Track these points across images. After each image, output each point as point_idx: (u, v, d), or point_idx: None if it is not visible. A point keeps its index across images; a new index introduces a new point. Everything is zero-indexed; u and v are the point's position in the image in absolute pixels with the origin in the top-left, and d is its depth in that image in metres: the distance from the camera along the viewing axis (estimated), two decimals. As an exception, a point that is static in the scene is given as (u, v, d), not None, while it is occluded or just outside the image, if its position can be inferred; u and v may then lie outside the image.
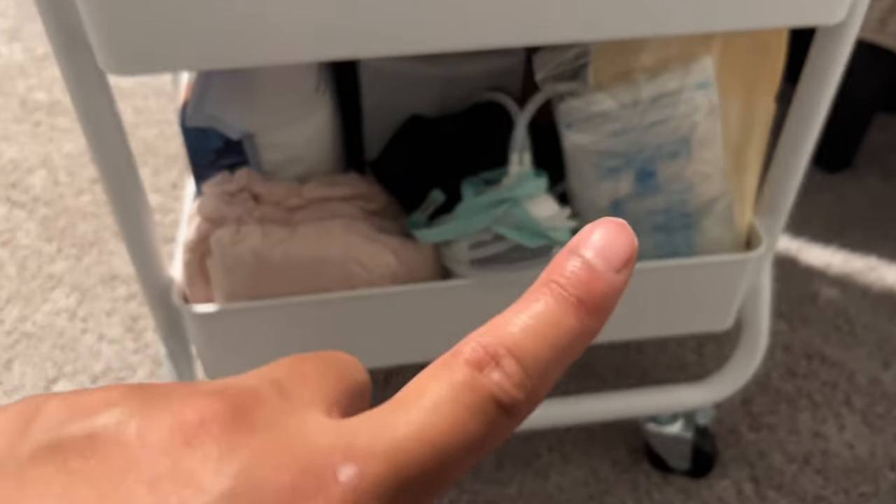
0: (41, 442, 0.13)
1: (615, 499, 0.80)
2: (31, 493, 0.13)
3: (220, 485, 0.12)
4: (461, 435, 0.14)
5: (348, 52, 0.46)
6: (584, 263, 0.15)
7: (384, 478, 0.13)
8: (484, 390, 0.14)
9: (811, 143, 0.60)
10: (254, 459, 0.13)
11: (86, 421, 0.13)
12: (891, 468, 0.83)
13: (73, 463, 0.13)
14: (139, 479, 0.12)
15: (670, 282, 0.66)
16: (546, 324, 0.15)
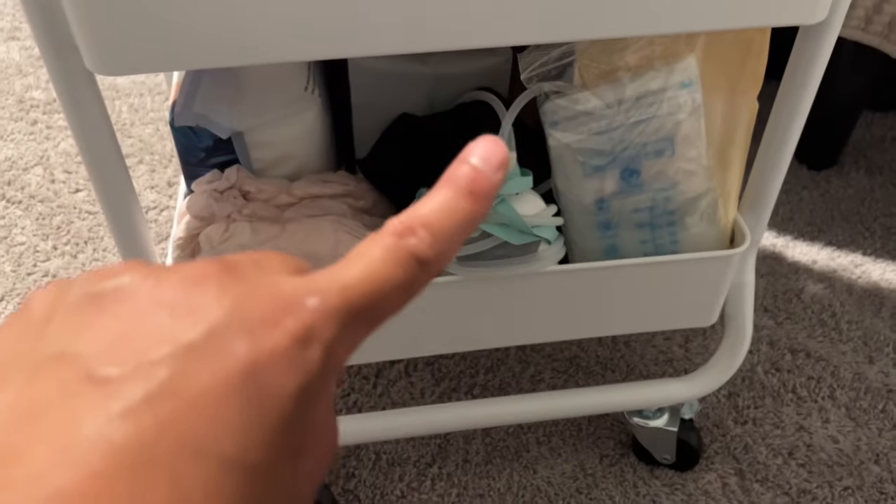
0: (79, 296, 0.18)
1: (602, 492, 0.81)
2: (79, 329, 0.17)
3: (219, 311, 0.17)
4: (391, 278, 0.19)
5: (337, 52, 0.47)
6: (472, 167, 0.21)
7: (340, 305, 0.18)
8: (405, 249, 0.19)
9: (794, 140, 0.61)
10: (242, 296, 0.17)
11: (112, 280, 0.18)
12: (875, 462, 0.84)
13: (107, 305, 0.17)
14: (162, 310, 0.17)
15: (655, 278, 0.67)
16: (448, 207, 0.20)
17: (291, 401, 0.16)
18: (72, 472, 0.14)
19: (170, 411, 0.15)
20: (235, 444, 0.15)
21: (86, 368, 0.16)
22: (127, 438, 0.15)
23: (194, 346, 0.16)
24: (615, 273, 0.65)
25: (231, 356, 0.16)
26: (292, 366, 0.17)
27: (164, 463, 0.15)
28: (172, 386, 0.15)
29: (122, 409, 0.15)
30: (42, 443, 0.14)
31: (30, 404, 0.15)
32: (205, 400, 0.15)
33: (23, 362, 0.17)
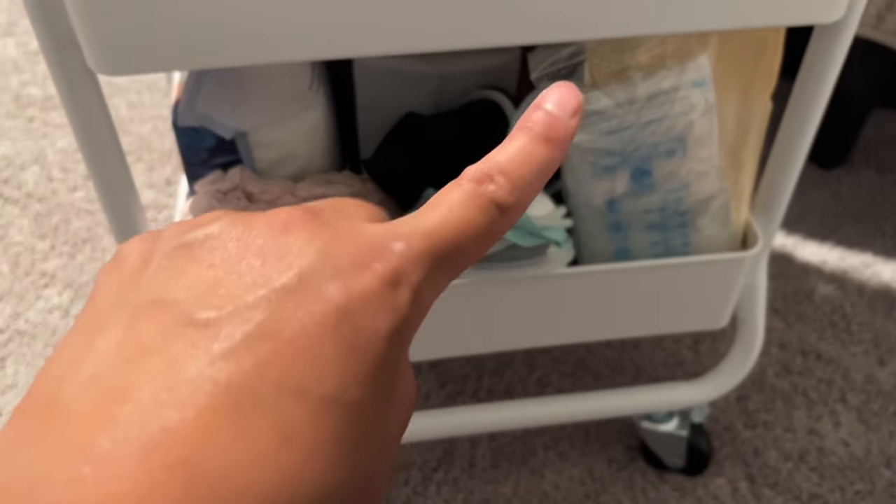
0: (171, 246, 0.18)
1: (610, 497, 0.80)
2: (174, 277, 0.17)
3: (309, 255, 0.17)
4: (472, 224, 0.19)
5: (342, 52, 0.46)
6: (547, 112, 0.21)
7: (424, 250, 0.18)
8: (485, 195, 0.19)
9: (808, 141, 0.60)
10: (330, 242, 0.18)
11: (200, 230, 0.18)
12: (886, 466, 0.83)
13: (199, 253, 0.17)
14: (253, 255, 0.17)
15: (666, 280, 0.66)
16: (524, 153, 0.20)
17: (385, 341, 0.17)
18: (178, 411, 0.14)
19: (269, 352, 0.15)
20: (335, 383, 0.16)
21: (184, 313, 0.16)
22: (230, 379, 0.15)
23: (288, 288, 0.16)
24: (625, 275, 0.64)
25: (324, 298, 0.16)
26: (384, 307, 0.17)
27: (266, 402, 0.15)
28: (270, 327, 0.16)
29: (223, 350, 0.15)
30: (147, 383, 0.15)
31: (132, 347, 0.16)
32: (302, 341, 0.16)
33: (121, 308, 0.17)
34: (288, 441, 0.15)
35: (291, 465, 0.14)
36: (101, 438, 0.14)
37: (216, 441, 0.14)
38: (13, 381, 0.89)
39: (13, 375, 0.90)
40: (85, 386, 0.15)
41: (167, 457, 0.14)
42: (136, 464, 0.13)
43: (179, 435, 0.14)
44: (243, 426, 0.14)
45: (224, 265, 0.17)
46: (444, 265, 0.19)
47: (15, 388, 0.89)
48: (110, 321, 0.17)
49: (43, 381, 0.16)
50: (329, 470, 0.15)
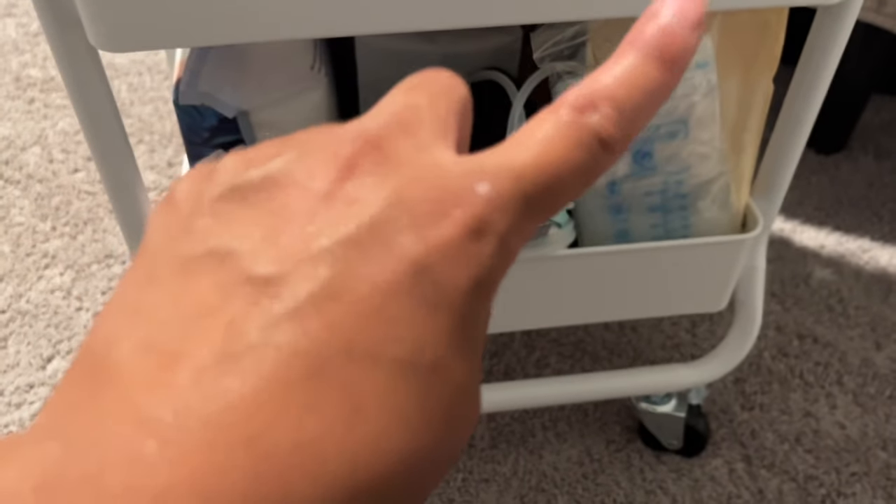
0: (224, 187, 0.16)
1: (608, 477, 0.81)
2: (230, 223, 0.15)
3: (381, 201, 0.15)
4: (570, 163, 0.16)
5: (344, 29, 0.46)
6: (663, 24, 0.17)
7: (513, 193, 0.16)
8: (587, 128, 0.16)
9: (809, 124, 0.60)
10: (403, 184, 0.15)
11: (259, 168, 0.16)
12: (882, 448, 0.83)
13: (257, 196, 0.16)
14: (317, 200, 0.15)
15: (666, 262, 0.66)
16: (634, 75, 0.17)
17: (467, 297, 0.15)
18: (240, 381, 0.13)
19: (337, 313, 0.14)
20: (410, 345, 0.14)
21: (242, 267, 0.14)
22: (294, 344, 0.14)
23: (357, 240, 0.15)
24: (626, 257, 0.64)
25: (398, 251, 0.15)
26: (465, 260, 0.15)
27: (334, 369, 0.14)
28: (338, 285, 0.14)
29: (287, 311, 0.14)
30: (205, 347, 0.14)
31: (185, 304, 0.14)
32: (373, 299, 0.14)
33: (174, 259, 0.15)
34: (360, 412, 0.13)
35: (365, 438, 0.13)
36: (161, 409, 0.13)
37: (283, 416, 0.13)
38: (14, 361, 0.90)
39: (15, 355, 0.90)
40: (139, 348, 0.14)
41: (231, 435, 0.13)
42: (198, 442, 0.12)
43: (243, 410, 0.13)
44: (312, 397, 0.13)
45: (284, 212, 0.15)
46: (535, 209, 0.16)
47: (16, 367, 0.89)
48: (162, 273, 0.15)
49: (93, 342, 0.15)
50: (407, 440, 0.14)
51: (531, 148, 0.16)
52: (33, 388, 0.87)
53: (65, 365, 0.90)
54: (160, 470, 0.12)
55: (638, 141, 0.60)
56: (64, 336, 0.92)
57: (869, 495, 0.80)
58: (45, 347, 0.91)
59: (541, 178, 0.16)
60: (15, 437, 0.13)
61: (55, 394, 0.15)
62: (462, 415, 0.15)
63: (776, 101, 0.60)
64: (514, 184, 0.16)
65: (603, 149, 0.17)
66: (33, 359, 0.90)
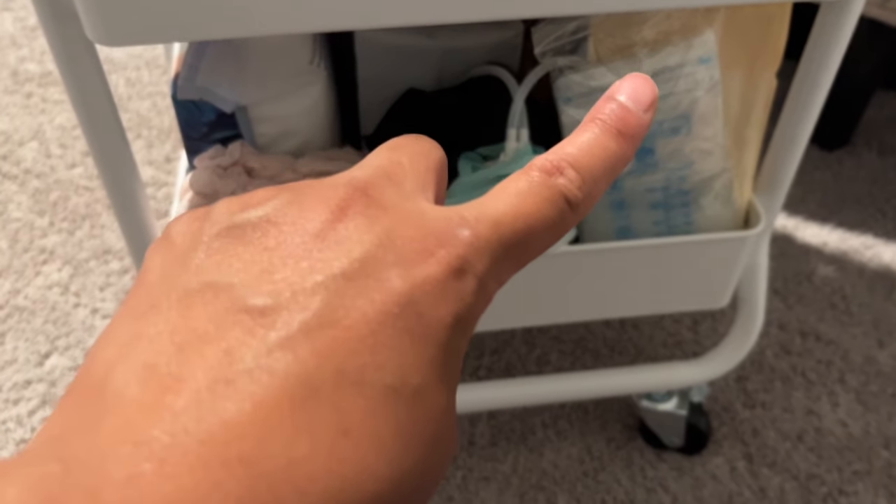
0: (222, 227, 0.17)
1: (609, 475, 0.81)
2: (226, 260, 0.16)
3: (370, 241, 0.16)
4: (541, 216, 0.18)
5: (343, 24, 0.45)
6: (620, 104, 0.20)
7: (490, 238, 0.17)
8: (555, 188, 0.19)
9: (812, 120, 0.59)
10: (390, 226, 0.17)
11: (255, 210, 0.17)
12: (884, 446, 0.83)
13: (252, 235, 0.17)
14: (310, 239, 0.16)
15: (668, 259, 0.65)
16: (595, 146, 0.19)
17: (448, 330, 0.16)
18: (236, 403, 0.14)
19: (328, 341, 0.15)
20: (395, 372, 0.15)
21: (238, 299, 0.15)
22: (287, 369, 0.14)
23: (347, 275, 0.16)
24: (627, 254, 0.64)
25: (386, 286, 0.16)
26: (447, 296, 0.16)
27: (325, 394, 0.14)
28: (329, 315, 0.15)
29: (280, 339, 0.15)
30: (202, 373, 0.14)
31: (185, 334, 0.15)
32: (362, 329, 0.15)
33: (172, 291, 0.16)
34: (348, 433, 0.14)
35: (353, 459, 0.14)
36: (158, 432, 0.13)
37: (276, 436, 0.14)
38: (12, 357, 0.89)
39: (12, 351, 0.90)
40: (137, 374, 0.15)
41: (226, 453, 0.13)
42: (194, 460, 0.13)
43: (238, 429, 0.13)
44: (302, 419, 0.14)
45: (279, 249, 0.16)
46: (510, 256, 0.18)
47: (14, 363, 0.89)
48: (161, 304, 0.16)
49: (92, 366, 0.16)
50: (392, 462, 0.15)
51: (506, 200, 0.18)
52: (31, 384, 0.87)
53: (62, 361, 0.89)
54: (156, 487, 0.13)
55: (640, 137, 0.60)
56: (62, 332, 0.92)
57: (871, 494, 0.79)
58: (43, 344, 0.91)
59: (516, 226, 0.18)
60: (16, 458, 0.14)
61: (53, 416, 0.15)
62: (443, 439, 0.16)
63: (779, 96, 0.60)
64: (492, 230, 0.18)
65: (569, 207, 0.19)
66: (31, 355, 0.89)
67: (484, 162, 0.61)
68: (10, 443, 0.82)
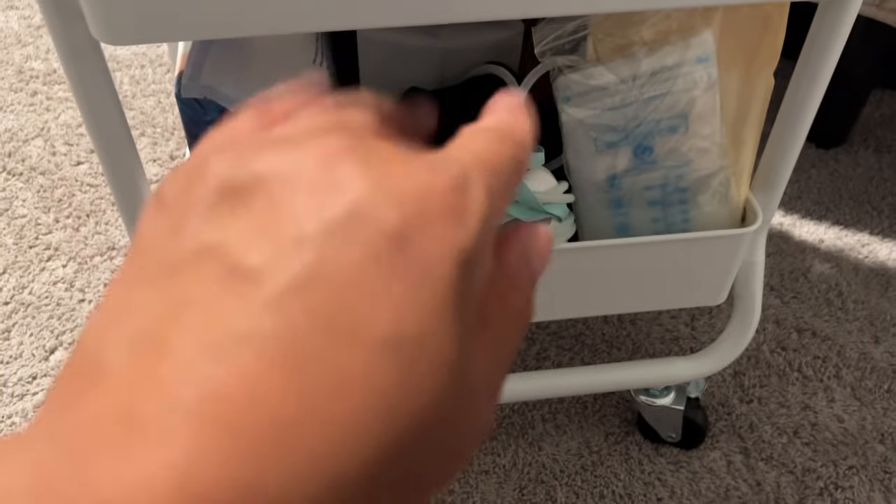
0: (214, 187, 0.16)
1: (607, 469, 0.81)
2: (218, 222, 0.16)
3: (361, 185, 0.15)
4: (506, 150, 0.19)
5: (346, 23, 0.46)
6: None
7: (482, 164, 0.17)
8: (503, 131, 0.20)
9: (809, 118, 0.60)
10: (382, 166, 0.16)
11: (244, 168, 0.17)
12: (880, 441, 0.84)
13: (244, 195, 0.16)
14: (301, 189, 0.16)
15: (666, 257, 0.66)
16: None
17: (451, 264, 0.15)
18: (224, 369, 0.13)
19: (319, 296, 0.14)
20: (391, 321, 0.14)
21: (228, 261, 0.15)
22: (277, 330, 0.14)
23: (340, 221, 0.15)
24: (626, 251, 0.65)
25: (380, 227, 0.15)
26: (448, 226, 0.16)
27: (316, 352, 0.14)
28: (320, 268, 0.14)
29: (268, 298, 0.14)
30: (189, 339, 0.14)
31: (173, 300, 0.15)
32: (355, 279, 0.14)
33: (164, 258, 0.16)
34: (341, 391, 0.14)
35: (344, 420, 0.13)
36: (146, 403, 0.13)
37: (262, 399, 0.13)
38: (18, 352, 0.90)
39: (18, 346, 0.91)
40: (127, 345, 0.14)
41: (215, 421, 0.13)
42: (182, 428, 0.13)
43: (225, 395, 0.13)
44: (293, 381, 0.13)
45: (271, 207, 0.16)
46: (497, 186, 0.17)
47: (19, 358, 0.90)
48: (151, 273, 0.16)
49: (86, 339, 0.15)
50: (391, 421, 0.14)
51: (476, 141, 0.19)
52: (36, 379, 0.88)
53: (67, 357, 0.90)
54: (146, 462, 0.12)
55: (639, 135, 0.61)
56: (67, 328, 0.93)
57: (866, 488, 0.80)
58: (48, 339, 0.91)
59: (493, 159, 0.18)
60: (9, 439, 0.13)
61: (49, 395, 0.15)
62: (458, 389, 0.15)
63: (777, 95, 0.61)
64: (476, 159, 0.18)
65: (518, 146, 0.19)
66: (36, 350, 0.90)
67: (484, 160, 0.62)
68: (16, 436, 0.83)
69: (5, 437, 0.14)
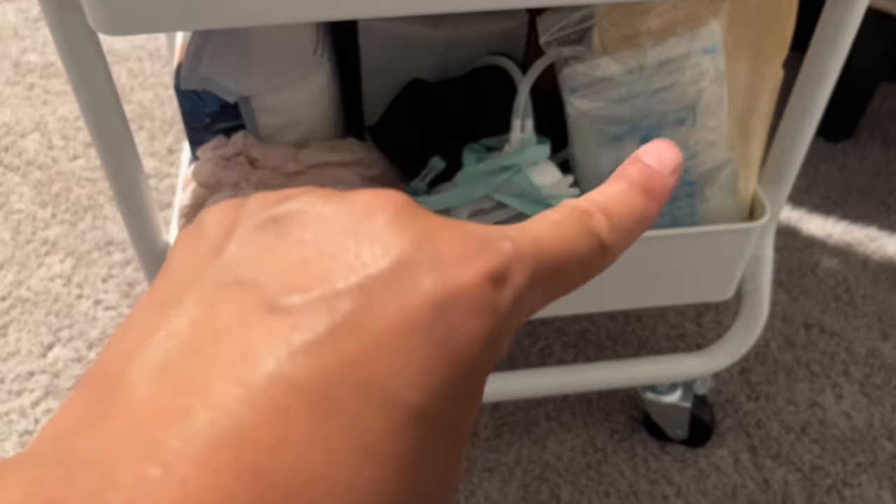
0: (257, 219, 0.17)
1: (612, 467, 0.80)
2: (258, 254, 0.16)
3: (407, 242, 0.15)
4: (575, 246, 0.18)
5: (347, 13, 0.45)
6: (647, 165, 0.20)
7: (529, 254, 0.17)
8: (588, 224, 0.18)
9: (819, 111, 0.59)
10: (428, 229, 0.16)
11: (290, 202, 0.17)
12: (888, 438, 0.83)
13: (288, 229, 0.16)
14: (347, 236, 0.15)
15: (672, 251, 0.65)
16: (623, 199, 0.19)
17: (480, 347, 0.15)
18: (252, 409, 0.13)
19: (355, 348, 0.14)
20: (422, 391, 0.14)
21: (266, 296, 0.15)
22: (309, 376, 0.14)
23: (382, 277, 0.15)
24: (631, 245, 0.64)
25: (421, 291, 0.15)
26: (483, 307, 0.15)
27: (346, 406, 0.14)
28: (358, 320, 0.14)
29: (305, 342, 0.14)
30: (219, 374, 0.13)
31: (206, 332, 0.14)
32: (392, 339, 0.14)
33: (197, 286, 0.15)
34: (367, 452, 0.13)
35: (370, 480, 0.13)
36: (168, 436, 0.13)
37: (291, 447, 0.13)
38: (15, 349, 0.89)
39: (15, 343, 0.90)
40: (152, 372, 0.14)
41: (238, 461, 0.12)
42: (204, 467, 0.12)
43: (252, 437, 0.13)
44: (321, 432, 0.13)
45: (314, 244, 0.16)
46: (545, 280, 0.17)
47: (17, 355, 0.89)
48: (185, 298, 0.15)
49: (109, 358, 0.15)
50: (407, 486, 0.14)
51: (543, 226, 0.18)
52: (34, 375, 0.87)
53: (65, 353, 0.89)
54: (163, 492, 0.12)
55: (645, 127, 0.60)
56: (64, 324, 0.92)
57: (875, 486, 0.79)
58: (46, 335, 0.91)
59: (553, 249, 0.18)
60: (19, 457, 0.13)
61: (64, 408, 0.14)
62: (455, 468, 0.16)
63: (785, 88, 0.59)
64: (532, 247, 0.17)
65: (600, 246, 0.18)
66: (34, 346, 0.89)
67: (488, 153, 0.61)
68: (14, 434, 0.82)
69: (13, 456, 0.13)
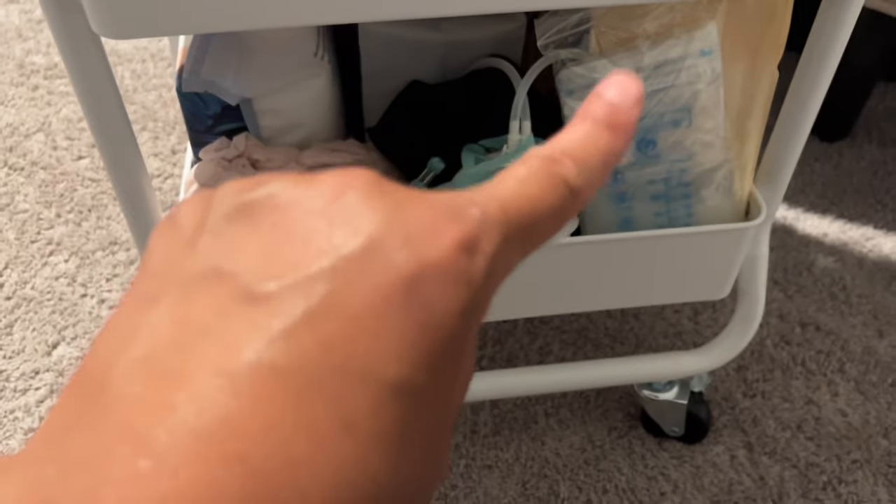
0: (229, 207, 0.17)
1: (610, 464, 0.81)
2: (232, 243, 0.16)
3: (377, 220, 0.16)
4: (545, 200, 0.18)
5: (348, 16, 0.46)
6: (608, 101, 0.20)
7: (499, 218, 0.17)
8: (555, 174, 0.18)
9: (814, 112, 0.60)
10: (399, 205, 0.16)
11: (259, 189, 0.17)
12: (883, 435, 0.84)
13: (260, 215, 0.16)
14: (317, 218, 0.16)
15: (670, 251, 0.66)
16: (588, 140, 0.19)
17: (457, 318, 0.15)
18: (236, 398, 0.13)
19: (333, 330, 0.14)
20: (402, 366, 0.15)
21: (242, 285, 0.15)
22: (290, 362, 0.14)
23: (355, 257, 0.15)
24: (629, 245, 0.65)
25: (394, 268, 0.15)
26: (457, 278, 0.16)
27: (328, 388, 0.14)
28: (334, 302, 0.14)
29: (283, 328, 0.14)
30: (202, 366, 0.14)
31: (186, 325, 0.15)
32: (368, 317, 0.15)
33: (175, 279, 0.16)
34: (350, 431, 0.14)
35: (355, 458, 0.14)
36: (157, 429, 0.13)
37: (276, 433, 0.13)
38: (20, 347, 0.90)
39: (20, 341, 0.91)
40: (137, 369, 0.14)
41: (225, 450, 0.13)
42: (192, 457, 0.13)
43: (237, 426, 0.13)
44: (304, 416, 0.13)
45: (286, 229, 0.16)
46: (517, 239, 0.17)
47: (22, 353, 0.90)
48: (163, 293, 0.16)
49: (94, 360, 0.15)
50: (393, 462, 0.14)
51: (510, 185, 0.18)
52: (38, 374, 0.88)
53: (70, 351, 0.90)
54: (153, 485, 0.12)
55: (642, 129, 0.60)
56: (69, 322, 0.93)
57: (870, 482, 0.80)
58: (51, 334, 0.91)
59: (523, 208, 0.18)
60: (14, 457, 0.13)
61: (52, 413, 0.15)
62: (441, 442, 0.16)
63: (781, 88, 0.60)
64: (500, 211, 0.17)
65: (570, 193, 0.18)
66: (38, 345, 0.90)
67: (487, 154, 0.62)
68: (19, 432, 0.83)
69: (8, 456, 0.14)
